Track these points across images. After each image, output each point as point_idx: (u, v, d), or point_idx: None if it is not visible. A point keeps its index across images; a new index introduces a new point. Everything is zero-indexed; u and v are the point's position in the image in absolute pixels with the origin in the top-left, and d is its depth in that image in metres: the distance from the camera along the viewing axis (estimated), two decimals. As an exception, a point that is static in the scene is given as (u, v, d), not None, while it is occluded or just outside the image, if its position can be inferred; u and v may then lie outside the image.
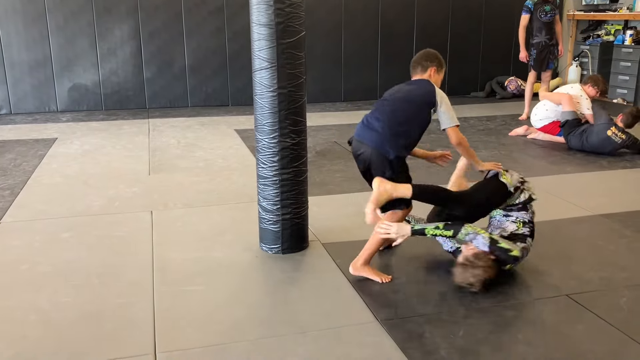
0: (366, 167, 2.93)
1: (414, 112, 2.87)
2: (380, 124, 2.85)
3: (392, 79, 8.33)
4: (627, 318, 2.51)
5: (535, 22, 6.77)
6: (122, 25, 7.42)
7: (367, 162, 2.90)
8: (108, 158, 5.22)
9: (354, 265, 2.88)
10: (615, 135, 5.14)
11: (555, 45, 6.83)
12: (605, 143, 5.17)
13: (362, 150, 2.91)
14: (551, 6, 6.68)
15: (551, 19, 6.71)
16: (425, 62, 3.04)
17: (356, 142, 2.96)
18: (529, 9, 6.76)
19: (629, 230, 3.47)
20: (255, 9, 2.91)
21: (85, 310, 2.59)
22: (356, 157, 2.97)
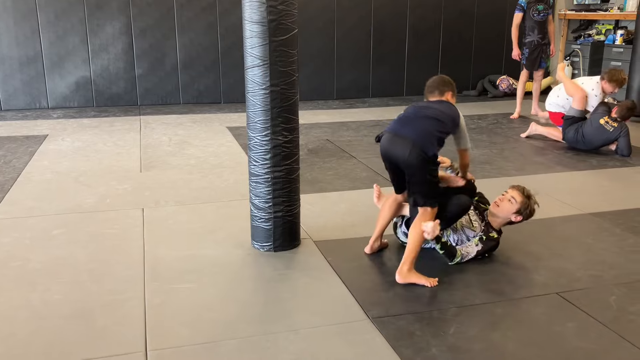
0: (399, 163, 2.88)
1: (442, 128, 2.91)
2: (423, 123, 2.88)
3: (384, 77, 8.43)
4: (616, 316, 2.53)
5: (528, 21, 6.79)
6: (113, 21, 7.37)
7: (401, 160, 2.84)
8: (99, 155, 5.19)
9: (401, 273, 2.81)
10: (607, 124, 5.17)
11: (547, 44, 6.86)
12: (598, 132, 5.20)
13: (398, 145, 2.84)
14: (544, 5, 6.71)
15: (544, 18, 6.74)
16: (443, 87, 3.13)
17: (392, 137, 2.90)
18: (522, 8, 6.78)
19: (618, 229, 3.50)
20: (247, 6, 2.90)
21: (76, 308, 2.58)
22: (388, 152, 2.91)
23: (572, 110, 5.51)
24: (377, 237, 3.14)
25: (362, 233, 3.39)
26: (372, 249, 3.14)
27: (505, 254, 3.16)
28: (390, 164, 2.96)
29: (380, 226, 3.13)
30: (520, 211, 3.08)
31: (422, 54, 8.50)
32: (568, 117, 5.51)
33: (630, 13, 7.93)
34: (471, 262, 3.04)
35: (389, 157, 2.93)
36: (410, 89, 8.58)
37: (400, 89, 8.58)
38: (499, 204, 3.12)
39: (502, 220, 3.14)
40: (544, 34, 6.79)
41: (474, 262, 3.04)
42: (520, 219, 3.11)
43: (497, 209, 3.12)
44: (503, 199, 3.12)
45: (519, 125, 6.57)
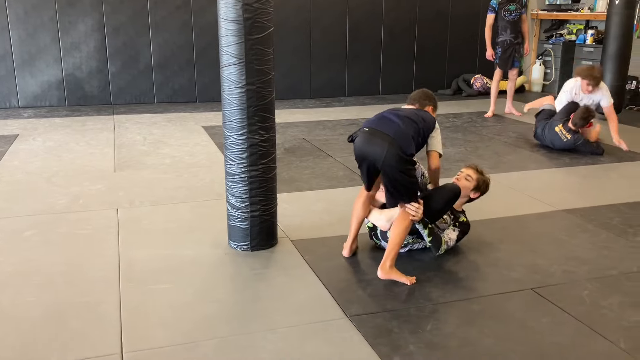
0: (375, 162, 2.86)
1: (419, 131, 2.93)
2: (401, 122, 2.88)
3: (360, 76, 8.45)
4: (589, 310, 2.58)
5: (500, 21, 6.87)
6: (85, 18, 7.25)
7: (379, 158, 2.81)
8: (72, 155, 5.11)
9: (383, 269, 2.82)
10: (561, 133, 5.25)
11: (520, 43, 6.95)
12: (555, 138, 5.29)
13: (376, 145, 2.82)
14: (516, 5, 6.79)
15: (516, 17, 6.82)
16: (424, 101, 3.22)
17: (369, 135, 2.88)
18: (494, 9, 6.87)
19: (591, 225, 3.56)
20: (223, 5, 2.88)
21: (49, 310, 2.53)
22: (364, 152, 2.90)
23: (546, 105, 5.61)
24: (354, 239, 3.14)
25: (339, 231, 3.39)
26: (350, 251, 3.13)
27: (480, 250, 3.19)
28: (366, 163, 2.93)
29: (355, 227, 3.11)
30: (479, 187, 3.22)
31: (397, 53, 8.55)
32: (539, 111, 5.60)
33: (600, 13, 8.08)
34: (446, 259, 3.07)
35: (365, 156, 2.91)
36: (385, 88, 8.62)
37: (375, 88, 8.61)
38: (456, 184, 3.17)
39: (463, 199, 3.22)
40: (517, 34, 6.88)
41: (450, 259, 3.07)
42: (478, 194, 3.25)
43: None
44: (460, 178, 3.22)
45: (493, 124, 6.65)
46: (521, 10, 6.82)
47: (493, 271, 2.97)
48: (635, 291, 2.75)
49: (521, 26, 6.89)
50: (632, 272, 2.95)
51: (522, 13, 6.84)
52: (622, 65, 6.58)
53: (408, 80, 8.69)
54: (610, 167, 4.91)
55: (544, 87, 8.90)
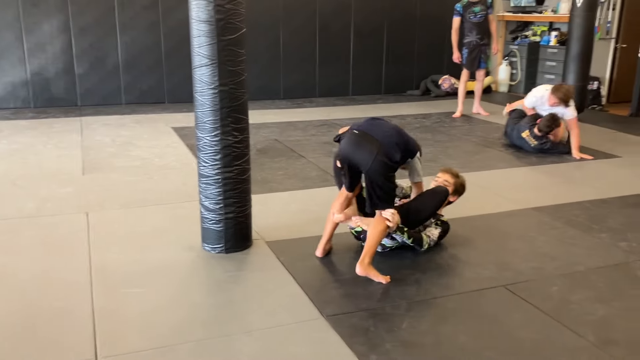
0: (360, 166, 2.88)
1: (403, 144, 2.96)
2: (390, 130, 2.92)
3: (330, 77, 8.47)
4: (558, 306, 2.64)
5: (466, 23, 6.97)
6: (51, 19, 7.10)
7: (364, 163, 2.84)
8: (38, 157, 5.00)
9: (362, 265, 2.83)
10: (528, 138, 5.37)
11: (487, 44, 7.06)
12: (522, 142, 5.41)
13: (365, 149, 2.84)
14: (481, 7, 6.89)
15: (481, 19, 6.92)
16: None
17: (358, 138, 2.89)
18: (459, 12, 6.97)
19: (558, 222, 3.65)
20: (194, 5, 2.87)
21: (20, 317, 2.48)
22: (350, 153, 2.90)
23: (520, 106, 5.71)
24: (328, 239, 3.15)
25: (314, 232, 3.40)
26: (324, 251, 3.14)
27: (452, 249, 3.24)
28: (350, 164, 2.94)
29: (331, 228, 3.12)
30: (457, 190, 3.31)
31: (367, 54, 8.60)
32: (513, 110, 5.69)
33: (563, 15, 8.27)
34: (420, 258, 3.11)
35: (350, 159, 2.91)
36: (355, 89, 8.66)
37: (346, 89, 8.65)
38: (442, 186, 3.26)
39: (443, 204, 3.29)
40: (482, 35, 6.98)
41: (423, 258, 3.12)
42: (456, 197, 3.32)
43: None
44: (439, 183, 3.28)
45: (461, 124, 6.75)
46: (486, 11, 6.93)
47: (466, 269, 3.02)
48: (601, 286, 2.83)
49: (487, 27, 7.00)
50: (598, 267, 3.03)
51: (487, 14, 6.95)
52: (584, 66, 6.76)
53: (377, 82, 8.76)
54: (575, 166, 5.04)
55: (510, 88, 9.07)
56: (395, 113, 7.28)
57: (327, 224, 3.12)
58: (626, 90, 8.03)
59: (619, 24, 8.21)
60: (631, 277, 2.92)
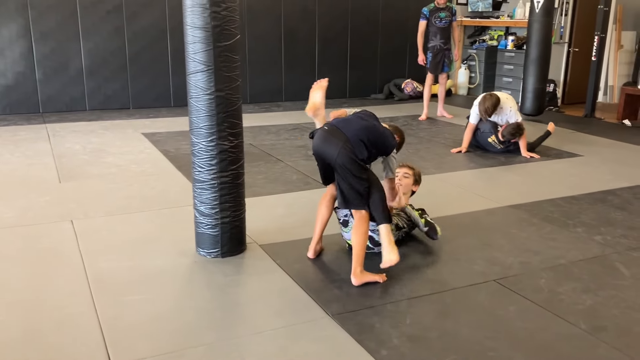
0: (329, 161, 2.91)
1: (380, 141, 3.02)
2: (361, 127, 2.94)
3: (296, 81, 8.55)
4: (548, 297, 2.79)
5: (431, 27, 7.18)
6: (10, 23, 6.92)
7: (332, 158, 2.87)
8: (9, 166, 4.87)
9: (355, 275, 2.86)
10: (494, 142, 5.59)
11: (449, 49, 7.28)
12: (489, 146, 5.64)
13: (331, 144, 2.87)
14: (446, 13, 7.12)
15: (446, 24, 7.15)
16: (396, 131, 3.33)
17: (326, 134, 2.92)
18: (425, 16, 7.17)
19: (536, 219, 3.83)
20: (189, 12, 2.89)
21: (24, 328, 2.44)
22: (320, 150, 2.94)
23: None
24: (319, 240, 3.21)
25: (304, 234, 3.46)
26: (315, 252, 3.20)
27: (441, 246, 3.37)
28: (321, 160, 3.00)
29: (320, 228, 3.17)
30: (417, 180, 3.52)
31: (331, 58, 8.72)
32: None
33: (519, 20, 8.61)
34: (411, 256, 3.22)
35: (320, 154, 2.97)
36: (321, 93, 8.74)
37: (311, 93, 8.71)
38: (400, 183, 3.42)
39: (407, 194, 3.48)
40: (446, 39, 7.20)
41: (414, 255, 3.23)
42: (417, 187, 3.55)
43: (402, 188, 3.42)
44: (400, 177, 3.45)
45: (428, 126, 6.93)
46: (451, 17, 7.16)
47: (457, 265, 3.14)
48: (584, 277, 3.00)
49: (451, 32, 7.23)
50: (578, 260, 3.21)
51: (452, 20, 7.17)
52: (543, 69, 7.06)
53: (342, 85, 8.89)
54: (541, 165, 5.27)
55: (469, 91, 9.36)
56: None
57: (317, 225, 3.18)
58: (579, 92, 8.43)
59: (571, 29, 8.61)
60: (611, 268, 3.11)
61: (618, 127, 7.10)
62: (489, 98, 5.43)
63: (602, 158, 5.50)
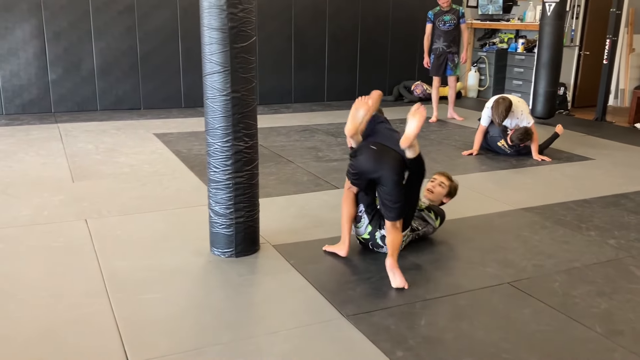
0: (381, 178, 2.97)
1: None
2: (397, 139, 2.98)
3: (305, 82, 8.57)
4: (562, 300, 2.79)
5: (436, 30, 7.17)
6: (23, 24, 6.96)
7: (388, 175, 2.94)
8: (23, 165, 4.91)
9: (393, 259, 2.89)
10: (504, 147, 5.59)
11: (454, 52, 7.21)
12: (499, 150, 5.63)
13: (385, 159, 2.95)
14: (451, 16, 7.07)
15: (450, 27, 7.09)
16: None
17: (378, 152, 2.98)
18: (430, 19, 7.18)
19: (548, 222, 3.82)
20: (206, 13, 2.91)
21: (42, 325, 2.46)
22: (371, 167, 2.97)
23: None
24: (349, 236, 3.20)
25: (316, 235, 3.48)
26: (347, 251, 3.19)
27: (454, 249, 3.37)
28: (368, 177, 3.02)
29: (349, 226, 3.21)
30: (450, 193, 3.53)
31: (341, 60, 8.73)
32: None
33: (529, 23, 8.60)
34: (424, 257, 3.22)
35: (371, 173, 2.97)
36: (330, 94, 8.77)
37: (321, 95, 8.75)
38: (432, 190, 3.48)
39: (437, 204, 3.52)
40: (449, 42, 7.14)
41: (427, 257, 3.23)
42: (448, 199, 3.55)
43: (432, 195, 3.48)
44: (435, 185, 3.50)
45: (438, 129, 6.93)
46: (457, 20, 7.08)
47: (470, 267, 3.14)
48: (599, 281, 3.00)
49: (456, 35, 7.14)
50: (592, 264, 3.21)
51: (459, 23, 7.12)
52: (554, 72, 7.03)
53: (352, 87, 8.89)
54: (553, 168, 5.26)
55: (479, 93, 9.35)
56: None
57: (346, 224, 3.20)
58: (590, 96, 8.41)
59: (582, 32, 8.59)
60: (626, 272, 3.10)
61: (629, 130, 7.07)
62: (502, 102, 5.42)
63: (613, 161, 5.48)
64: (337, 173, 4.84)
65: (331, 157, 5.42)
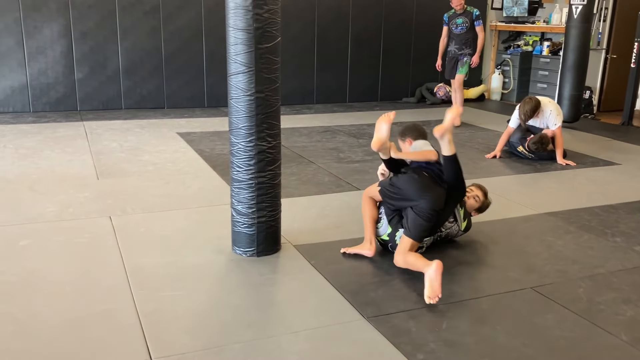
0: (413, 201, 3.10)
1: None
2: None
3: (328, 84, 8.57)
4: (587, 307, 2.75)
5: (450, 33, 7.10)
6: (51, 23, 7.08)
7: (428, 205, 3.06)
8: (49, 162, 4.99)
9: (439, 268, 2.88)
10: (524, 153, 5.53)
11: (466, 54, 7.01)
12: (521, 155, 5.57)
13: (435, 189, 3.10)
14: (464, 19, 6.93)
15: (462, 30, 6.96)
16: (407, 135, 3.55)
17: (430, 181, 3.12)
18: (445, 22, 7.12)
19: (572, 227, 3.77)
20: (232, 14, 2.93)
21: (66, 319, 2.50)
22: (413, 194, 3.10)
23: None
24: (374, 236, 3.24)
25: (336, 236, 3.48)
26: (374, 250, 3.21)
27: (476, 253, 3.34)
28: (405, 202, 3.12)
29: (372, 226, 3.24)
30: (481, 208, 3.53)
31: (364, 61, 8.72)
32: None
33: (555, 26, 8.49)
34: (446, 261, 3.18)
35: (412, 198, 3.07)
36: (352, 96, 8.77)
37: (343, 96, 8.75)
38: (465, 201, 3.43)
39: None
40: (461, 45, 7.01)
41: (449, 261, 3.20)
42: (476, 214, 3.54)
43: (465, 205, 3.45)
44: (469, 197, 3.47)
45: (461, 131, 6.88)
46: (469, 23, 6.91)
47: (492, 272, 3.11)
48: (624, 288, 2.95)
49: (468, 38, 6.98)
50: (618, 270, 3.16)
51: (472, 25, 6.92)
52: (580, 75, 6.95)
53: (374, 89, 8.89)
54: (577, 172, 5.19)
55: (503, 96, 9.26)
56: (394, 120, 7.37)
57: (369, 224, 3.23)
58: (616, 100, 8.28)
59: (610, 35, 8.46)
60: (652, 279, 3.05)
61: (657, 135, 6.95)
62: (529, 102, 5.42)
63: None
64: (359, 174, 4.83)
65: (352, 159, 5.41)
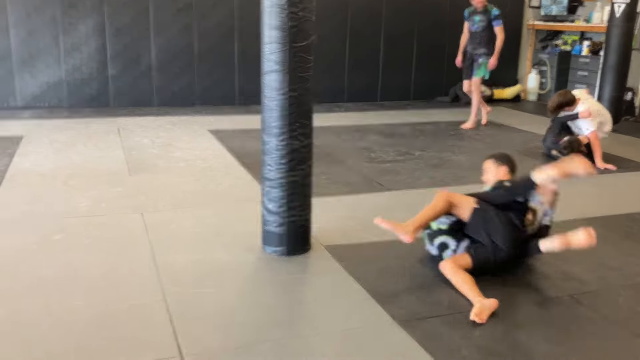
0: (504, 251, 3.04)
1: None
2: None
3: (359, 83, 8.51)
4: (627, 316, 2.65)
5: (468, 31, 6.83)
6: (87, 20, 7.19)
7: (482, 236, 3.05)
8: (82, 157, 5.05)
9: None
10: (557, 155, 5.39)
11: (481, 54, 6.71)
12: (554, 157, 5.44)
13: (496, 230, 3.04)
14: (481, 17, 6.63)
15: (478, 29, 6.66)
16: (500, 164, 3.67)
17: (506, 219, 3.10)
18: (465, 17, 6.80)
19: (613, 234, 3.65)
20: (267, 12, 2.90)
21: (99, 313, 2.51)
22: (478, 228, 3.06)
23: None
24: (421, 223, 2.98)
25: (366, 238, 3.42)
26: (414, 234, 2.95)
27: (511, 257, 3.25)
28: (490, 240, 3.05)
29: (428, 214, 2.99)
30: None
31: (396, 60, 8.63)
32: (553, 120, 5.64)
33: (595, 25, 8.26)
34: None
35: (499, 243, 3.02)
36: (384, 95, 8.69)
37: (374, 95, 8.68)
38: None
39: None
40: (477, 45, 6.70)
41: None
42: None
43: None
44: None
45: (496, 132, 6.75)
46: (487, 22, 6.60)
47: (530, 278, 3.03)
48: (667, 297, 2.84)
49: (487, 38, 6.66)
50: (660, 278, 3.04)
51: (491, 25, 6.60)
52: (621, 76, 6.75)
53: (406, 88, 8.79)
54: (618, 177, 5.03)
55: (540, 97, 9.06)
56: (427, 120, 7.32)
57: (429, 212, 3.01)
58: (657, 102, 8.00)
59: (652, 35, 8.19)
60: (697, 289, 2.93)
61: (700, 139, 6.70)
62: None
63: (683, 172, 5.21)
64: (389, 175, 4.77)
65: (384, 159, 5.35)
